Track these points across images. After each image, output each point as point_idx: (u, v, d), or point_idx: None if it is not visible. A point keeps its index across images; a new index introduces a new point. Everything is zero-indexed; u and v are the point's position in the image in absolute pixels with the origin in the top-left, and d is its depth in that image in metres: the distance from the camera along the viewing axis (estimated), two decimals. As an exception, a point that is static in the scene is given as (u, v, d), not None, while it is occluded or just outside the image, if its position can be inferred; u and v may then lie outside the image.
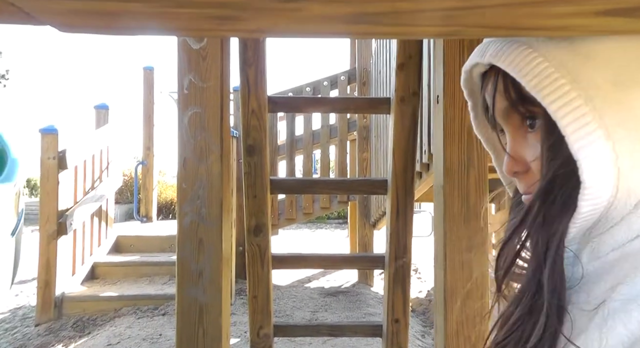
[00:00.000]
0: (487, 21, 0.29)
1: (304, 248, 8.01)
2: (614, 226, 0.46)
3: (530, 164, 0.50)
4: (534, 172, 0.49)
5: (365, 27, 0.28)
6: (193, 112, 1.41)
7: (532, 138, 0.49)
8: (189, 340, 1.52)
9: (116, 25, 0.30)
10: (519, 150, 0.51)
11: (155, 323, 3.67)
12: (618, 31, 0.31)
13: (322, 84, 5.13)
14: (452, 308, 1.43)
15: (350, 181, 2.31)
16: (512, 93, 0.48)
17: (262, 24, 0.29)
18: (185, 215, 1.50)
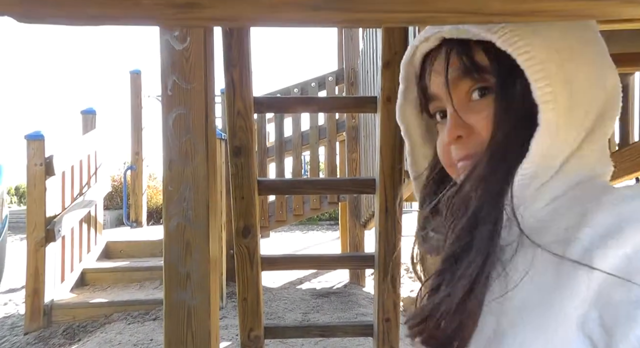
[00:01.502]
0: (460, 6, 0.29)
1: (296, 250, 8.00)
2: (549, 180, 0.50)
3: (475, 127, 0.53)
4: (479, 135, 0.52)
5: (333, 14, 0.27)
6: (177, 114, 1.40)
7: (478, 105, 0.53)
8: (177, 344, 1.50)
9: (76, 15, 0.29)
10: (464, 116, 0.54)
11: (146, 329, 3.64)
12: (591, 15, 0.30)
13: (310, 84, 5.12)
14: (441, 305, 1.43)
15: (338, 181, 2.31)
16: (467, 61, 0.52)
17: (230, 12, 0.28)
18: (172, 217, 1.49)
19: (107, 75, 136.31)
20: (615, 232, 0.41)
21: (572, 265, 0.42)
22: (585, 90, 0.50)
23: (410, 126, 0.65)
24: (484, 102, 0.53)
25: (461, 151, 0.55)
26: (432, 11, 0.29)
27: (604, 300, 0.39)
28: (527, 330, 0.43)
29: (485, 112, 0.52)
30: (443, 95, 0.56)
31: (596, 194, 0.48)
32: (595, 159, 0.54)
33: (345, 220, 5.55)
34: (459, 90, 0.54)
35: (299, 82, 5.19)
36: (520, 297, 0.45)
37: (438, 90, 0.56)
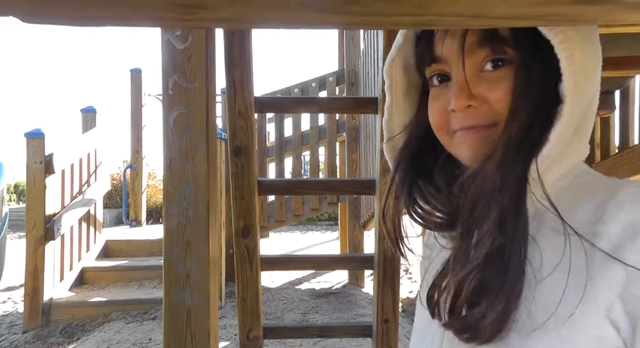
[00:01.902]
0: (463, 10, 0.29)
1: (296, 250, 8.00)
2: (552, 164, 0.51)
3: (486, 98, 0.52)
4: (491, 106, 0.52)
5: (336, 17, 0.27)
6: (178, 113, 1.40)
7: (491, 76, 0.52)
8: (176, 344, 1.50)
9: (79, 16, 0.28)
10: (473, 85, 0.53)
11: (144, 328, 3.64)
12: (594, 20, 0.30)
13: (311, 85, 5.12)
14: (440, 307, 1.43)
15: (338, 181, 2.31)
16: (490, 29, 0.50)
17: (231, 14, 0.28)
18: (172, 217, 1.49)
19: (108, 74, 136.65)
20: None
21: (605, 258, 0.45)
22: (592, 77, 0.52)
23: (394, 81, 0.63)
24: (499, 74, 0.52)
25: (466, 120, 0.54)
26: (435, 14, 0.29)
27: (630, 292, 0.43)
28: (564, 315, 0.45)
29: (501, 85, 0.51)
30: (452, 59, 0.54)
31: (608, 187, 0.50)
32: (583, 145, 0.55)
33: (345, 220, 5.55)
34: (474, 58, 0.53)
35: (300, 82, 5.19)
36: (554, 280, 0.47)
37: (448, 54, 0.55)
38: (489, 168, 0.50)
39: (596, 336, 0.44)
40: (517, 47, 0.51)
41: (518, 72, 0.51)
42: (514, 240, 0.48)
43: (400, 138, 0.64)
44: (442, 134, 0.57)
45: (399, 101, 0.64)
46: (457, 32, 0.53)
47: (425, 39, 0.57)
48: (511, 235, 0.48)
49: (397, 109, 0.64)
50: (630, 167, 2.56)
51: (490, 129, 0.53)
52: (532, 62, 0.50)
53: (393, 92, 0.63)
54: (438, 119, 0.57)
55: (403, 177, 0.61)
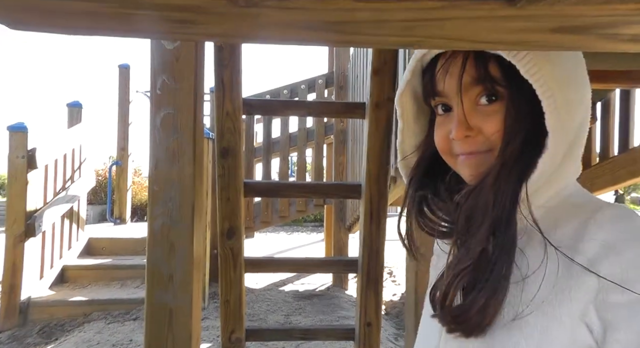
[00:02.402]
0: (447, 33, 0.30)
1: (280, 251, 7.98)
2: (542, 186, 0.59)
3: (481, 129, 0.60)
4: (485, 136, 0.60)
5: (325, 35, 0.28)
6: (166, 113, 1.40)
7: (486, 109, 0.60)
8: (157, 346, 1.50)
9: (71, 25, 0.29)
10: (470, 118, 0.60)
11: (126, 329, 3.60)
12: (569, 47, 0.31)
13: (300, 87, 5.13)
14: (422, 312, 1.44)
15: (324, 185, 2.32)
16: (482, 71, 0.58)
17: (223, 29, 0.28)
18: (156, 218, 1.48)
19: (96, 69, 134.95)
20: (614, 248, 0.53)
21: (582, 270, 0.53)
22: (576, 109, 0.59)
23: (405, 109, 0.70)
24: (492, 108, 0.59)
25: (466, 147, 0.61)
26: (422, 36, 0.30)
27: (601, 299, 0.52)
28: (547, 319, 0.54)
29: (494, 118, 0.59)
30: (452, 95, 0.62)
31: (590, 209, 0.58)
32: (574, 167, 0.63)
33: (331, 223, 5.56)
34: (470, 94, 0.60)
35: (289, 84, 5.19)
36: (536, 287, 0.55)
37: (448, 91, 0.62)
38: (484, 187, 0.58)
39: (571, 333, 0.53)
40: (507, 86, 0.58)
41: (509, 108, 0.58)
42: (502, 249, 0.56)
43: (412, 157, 0.72)
44: (446, 157, 0.65)
45: (409, 126, 0.72)
46: (455, 72, 0.60)
47: (429, 76, 0.65)
48: (500, 244, 0.57)
49: (408, 133, 0.72)
50: (610, 177, 2.61)
51: (486, 154, 0.60)
52: (520, 99, 0.57)
53: (404, 118, 0.71)
54: (442, 144, 0.65)
55: (415, 191, 0.70)
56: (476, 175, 0.61)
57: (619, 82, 2.30)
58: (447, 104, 0.64)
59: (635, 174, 2.42)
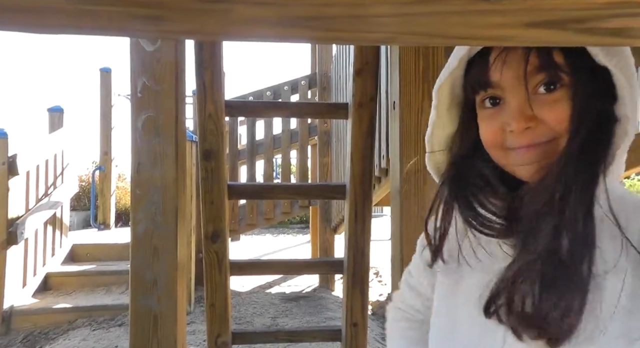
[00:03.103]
0: (421, 29, 0.30)
1: (267, 254, 7.96)
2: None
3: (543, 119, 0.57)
4: (548, 126, 0.57)
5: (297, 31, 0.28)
6: (147, 116, 1.38)
7: (546, 98, 0.57)
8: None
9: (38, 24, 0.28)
10: (534, 108, 0.57)
11: (111, 335, 3.56)
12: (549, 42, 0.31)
13: (283, 88, 5.12)
14: (408, 311, 1.44)
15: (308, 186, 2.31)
16: (547, 58, 0.55)
17: (191, 26, 0.28)
18: (139, 222, 1.47)
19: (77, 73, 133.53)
20: None
21: None
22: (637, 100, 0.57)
23: (441, 100, 0.68)
24: (554, 97, 0.57)
25: (525, 140, 0.58)
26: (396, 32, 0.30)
27: None
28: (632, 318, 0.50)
29: (558, 106, 0.56)
30: (508, 86, 0.59)
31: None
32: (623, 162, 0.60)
33: (316, 224, 5.56)
34: (531, 83, 0.57)
35: (272, 86, 5.18)
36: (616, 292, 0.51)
37: (505, 83, 0.59)
38: (556, 180, 0.54)
39: None
40: (572, 72, 0.56)
41: (575, 94, 0.56)
42: (582, 246, 0.52)
43: (441, 153, 0.70)
44: (496, 151, 0.62)
45: (440, 117, 0.69)
46: (514, 61, 0.57)
47: (479, 67, 0.61)
48: (579, 241, 0.52)
49: (439, 124, 0.69)
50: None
51: (547, 144, 0.57)
52: (588, 85, 0.55)
53: (438, 109, 0.68)
54: (492, 138, 0.61)
55: (455, 190, 0.65)
56: (538, 170, 0.57)
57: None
58: (497, 97, 0.61)
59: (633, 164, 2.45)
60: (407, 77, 1.52)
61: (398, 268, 1.51)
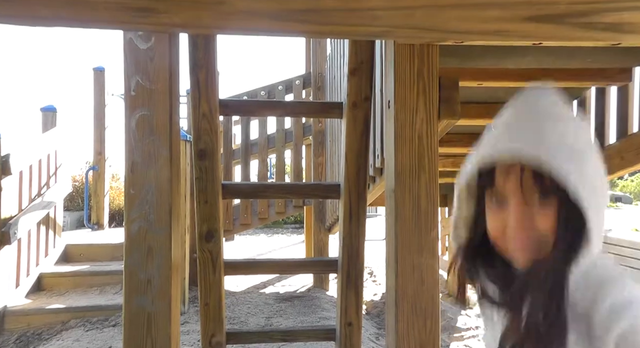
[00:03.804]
0: (417, 22, 0.29)
1: (261, 254, 7.94)
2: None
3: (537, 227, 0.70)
4: (540, 231, 0.70)
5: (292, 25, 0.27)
6: (141, 115, 1.37)
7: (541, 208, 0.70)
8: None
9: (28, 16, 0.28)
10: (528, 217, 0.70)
11: (104, 336, 3.54)
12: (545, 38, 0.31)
13: (277, 88, 5.11)
14: (403, 310, 1.44)
15: (303, 185, 2.31)
16: (540, 185, 0.68)
17: (184, 18, 0.28)
18: (133, 221, 1.46)
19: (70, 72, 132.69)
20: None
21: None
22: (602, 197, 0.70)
23: (460, 190, 0.81)
24: (546, 206, 0.69)
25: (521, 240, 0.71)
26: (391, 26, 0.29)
27: None
28: None
29: (548, 216, 0.69)
30: (510, 194, 0.72)
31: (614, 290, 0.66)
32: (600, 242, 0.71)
33: (310, 224, 5.55)
34: (526, 198, 0.70)
35: (267, 85, 5.17)
36: None
37: (506, 194, 0.72)
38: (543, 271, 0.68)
39: None
40: (560, 196, 0.67)
41: (560, 209, 0.68)
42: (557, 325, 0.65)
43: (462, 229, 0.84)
44: (499, 241, 0.75)
45: (461, 204, 0.83)
46: (515, 184, 0.70)
47: (487, 177, 0.75)
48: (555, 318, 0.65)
49: (459, 208, 0.84)
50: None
51: (539, 242, 0.70)
52: (569, 202, 0.66)
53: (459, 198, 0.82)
54: (496, 232, 0.75)
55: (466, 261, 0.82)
56: (529, 260, 0.71)
57: (594, 80, 2.35)
58: (502, 199, 0.73)
59: (611, 169, 2.47)
60: (402, 76, 1.52)
61: (392, 268, 1.51)
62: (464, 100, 2.66)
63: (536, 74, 2.29)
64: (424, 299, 1.47)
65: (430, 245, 1.49)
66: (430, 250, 1.49)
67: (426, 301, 1.46)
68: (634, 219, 10.49)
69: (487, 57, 1.98)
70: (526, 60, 1.97)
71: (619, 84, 2.42)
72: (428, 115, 1.52)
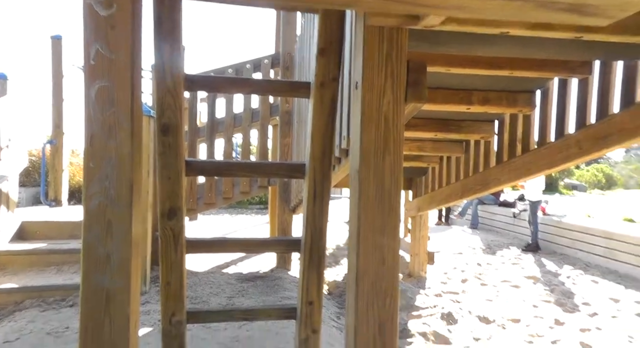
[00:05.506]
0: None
1: (224, 234, 7.90)
2: None
3: None
4: None
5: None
6: (101, 86, 1.32)
7: None
8: (93, 330, 1.44)
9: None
10: None
11: (61, 316, 3.45)
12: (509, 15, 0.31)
13: (245, 66, 5.03)
14: (363, 288, 1.46)
15: (268, 164, 2.29)
16: None
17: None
18: (93, 196, 1.42)
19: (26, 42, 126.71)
20: None
21: None
22: None
23: None
24: None
25: None
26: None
27: None
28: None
29: None
30: None
31: None
32: None
33: (275, 204, 5.55)
34: None
35: (234, 64, 5.09)
36: None
37: None
38: None
39: None
40: None
41: None
42: None
43: None
44: None
45: None
46: None
47: None
48: None
49: None
50: (547, 161, 2.74)
51: None
52: None
53: None
54: None
55: None
56: None
57: (557, 72, 2.41)
58: None
59: (569, 158, 2.55)
60: (370, 58, 1.52)
61: (354, 247, 1.52)
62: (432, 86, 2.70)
63: (504, 62, 2.34)
64: (384, 278, 1.49)
65: (393, 225, 1.51)
66: (392, 230, 1.51)
67: (386, 280, 1.49)
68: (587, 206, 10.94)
69: (456, 44, 2.00)
70: (495, 48, 2.01)
71: (580, 77, 2.49)
72: (395, 97, 1.53)
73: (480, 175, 3.56)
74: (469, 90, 2.76)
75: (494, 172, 3.37)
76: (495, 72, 2.35)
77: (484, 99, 2.77)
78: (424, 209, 5.12)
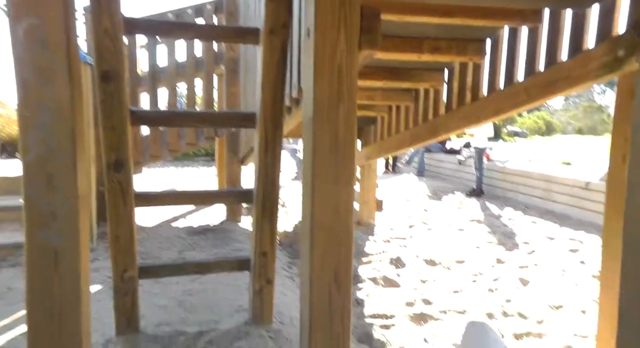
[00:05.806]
0: None
1: (172, 187, 7.75)
2: None
3: None
4: None
5: None
6: (29, 24, 1.20)
7: None
8: (42, 290, 1.37)
9: None
10: None
11: (2, 277, 3.30)
12: None
13: (187, 11, 4.78)
14: (318, 238, 1.47)
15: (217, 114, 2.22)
16: None
17: None
18: (30, 147, 1.32)
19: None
20: None
21: None
22: None
23: None
24: None
25: None
26: None
27: None
28: None
29: None
30: None
31: None
32: None
33: (223, 156, 5.45)
34: None
35: (175, 9, 4.82)
36: None
37: None
38: None
39: None
40: None
41: None
42: None
43: None
44: None
45: None
46: None
47: None
48: None
49: None
50: (495, 108, 2.81)
51: None
52: None
53: None
54: None
55: None
56: None
57: (508, 20, 2.42)
58: None
59: (517, 105, 2.62)
60: (323, 4, 1.45)
61: (309, 197, 1.51)
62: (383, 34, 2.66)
63: (456, 10, 2.32)
64: (339, 227, 1.50)
65: (347, 174, 1.50)
66: (346, 179, 1.50)
67: (341, 229, 1.50)
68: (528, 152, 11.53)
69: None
70: (448, -5, 1.98)
71: (530, 25, 2.52)
72: (348, 44, 1.49)
73: (429, 123, 3.61)
74: (420, 39, 2.74)
75: (443, 120, 3.42)
76: (448, 20, 2.34)
77: (434, 48, 2.76)
78: (372, 158, 5.18)
